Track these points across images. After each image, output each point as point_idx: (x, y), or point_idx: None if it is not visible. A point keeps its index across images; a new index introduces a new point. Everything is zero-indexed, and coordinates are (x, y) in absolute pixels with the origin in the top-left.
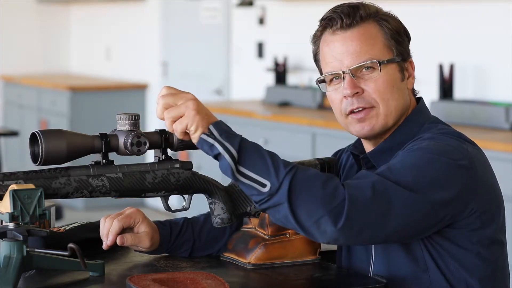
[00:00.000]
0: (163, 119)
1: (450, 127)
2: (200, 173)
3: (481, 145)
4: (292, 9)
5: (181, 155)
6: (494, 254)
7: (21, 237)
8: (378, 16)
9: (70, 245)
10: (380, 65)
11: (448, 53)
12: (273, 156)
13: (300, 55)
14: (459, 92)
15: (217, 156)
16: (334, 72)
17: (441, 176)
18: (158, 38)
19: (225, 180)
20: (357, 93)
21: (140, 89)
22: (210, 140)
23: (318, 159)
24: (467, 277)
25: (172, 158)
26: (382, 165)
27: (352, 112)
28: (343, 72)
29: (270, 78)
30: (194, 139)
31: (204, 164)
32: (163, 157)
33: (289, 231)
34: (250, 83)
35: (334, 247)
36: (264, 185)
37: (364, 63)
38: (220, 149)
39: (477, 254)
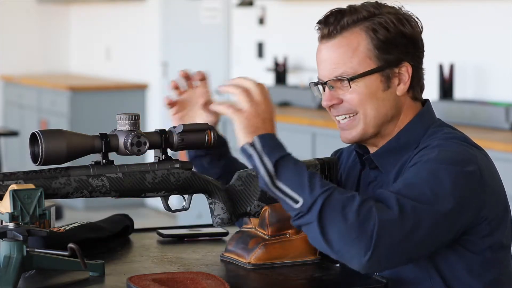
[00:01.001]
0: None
1: (456, 130)
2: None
3: (481, 145)
4: (292, 9)
5: (181, 155)
6: (500, 259)
7: (21, 237)
8: (369, 21)
9: (70, 245)
10: (350, 80)
11: (448, 53)
12: (312, 175)
13: (300, 55)
14: (459, 92)
15: (255, 168)
16: (316, 82)
17: (454, 187)
18: (158, 38)
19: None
20: (334, 104)
21: (140, 89)
22: (250, 150)
23: (318, 159)
24: (473, 282)
25: (172, 158)
26: (399, 181)
27: (337, 120)
28: (322, 83)
29: (270, 78)
30: (239, 143)
31: None
32: (163, 157)
33: (289, 231)
34: None
35: None
36: (296, 201)
37: (336, 78)
38: (256, 161)
39: (485, 259)
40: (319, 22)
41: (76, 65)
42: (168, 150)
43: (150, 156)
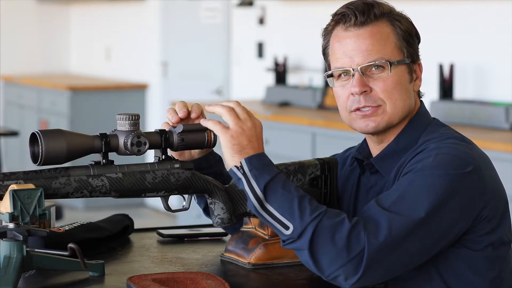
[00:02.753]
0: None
1: (451, 129)
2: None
3: (481, 145)
4: (292, 9)
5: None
6: (502, 255)
7: (21, 237)
8: (391, 16)
9: (70, 245)
10: (390, 65)
11: (448, 53)
12: (302, 198)
13: (300, 55)
14: (459, 92)
15: (244, 191)
16: (343, 69)
17: (452, 191)
18: (158, 38)
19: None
20: (365, 91)
21: (140, 89)
22: (239, 173)
23: (318, 159)
24: (477, 280)
25: (172, 158)
26: (393, 190)
27: (357, 109)
28: (353, 70)
29: (270, 78)
30: (226, 166)
31: None
32: (163, 157)
33: None
34: (250, 83)
35: None
36: (287, 228)
37: (374, 62)
38: (245, 185)
39: (487, 256)
40: (346, 10)
41: (76, 65)
42: (168, 150)
43: (150, 156)
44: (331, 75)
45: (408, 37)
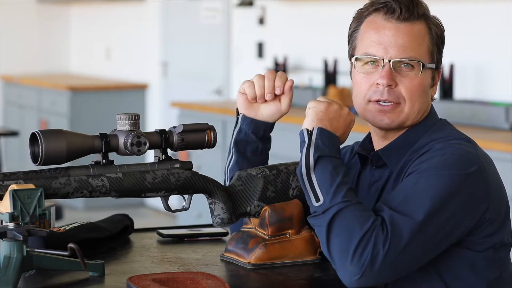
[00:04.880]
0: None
1: (456, 130)
2: (200, 173)
3: (481, 145)
4: (292, 9)
5: (181, 155)
6: (502, 257)
7: (21, 237)
8: (429, 19)
9: (70, 245)
10: (422, 66)
11: (448, 53)
12: (344, 184)
13: (300, 55)
14: (459, 92)
15: (301, 153)
16: (375, 57)
17: (456, 191)
18: (158, 38)
19: None
20: (390, 85)
21: (140, 89)
22: (306, 136)
23: None
24: (477, 280)
25: (172, 158)
26: (398, 191)
27: (377, 101)
28: (384, 61)
29: None
30: (303, 126)
31: (204, 164)
32: (163, 157)
33: (289, 231)
34: None
35: None
36: (318, 200)
37: (408, 59)
38: (304, 148)
39: (489, 257)
40: (391, 1)
41: (76, 65)
42: (168, 150)
43: (150, 156)
44: (358, 59)
45: (440, 43)
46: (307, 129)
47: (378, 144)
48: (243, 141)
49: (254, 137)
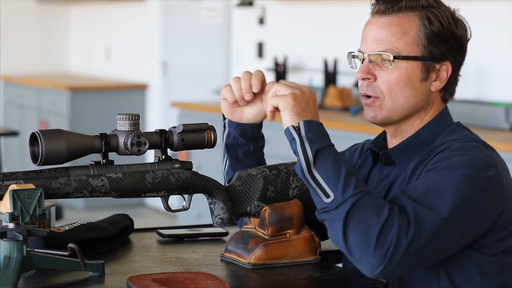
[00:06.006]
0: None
1: (473, 133)
2: (200, 173)
3: None
4: (292, 9)
5: (181, 155)
6: (511, 262)
7: (21, 237)
8: (425, 11)
9: (70, 245)
10: (393, 58)
11: None
12: (350, 173)
13: (300, 55)
14: (459, 92)
15: (295, 152)
16: (354, 54)
17: (475, 192)
18: (158, 38)
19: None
20: (368, 79)
21: (140, 89)
22: (294, 134)
23: None
24: (485, 284)
25: (172, 158)
26: (418, 185)
27: (363, 96)
28: (363, 55)
29: (270, 78)
30: (284, 125)
31: (204, 164)
32: (163, 157)
33: (289, 231)
34: None
35: (334, 247)
36: (328, 196)
37: (379, 53)
38: (298, 146)
39: (498, 261)
40: None
41: (76, 65)
42: (168, 150)
43: (150, 156)
44: (353, 57)
45: (435, 37)
46: (293, 126)
47: (391, 142)
48: (233, 145)
49: (243, 140)
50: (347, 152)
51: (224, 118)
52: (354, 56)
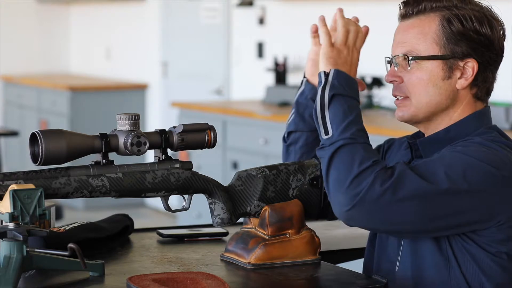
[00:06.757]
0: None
1: (508, 138)
2: (200, 173)
3: None
4: (292, 9)
5: (181, 155)
6: None
7: (21, 237)
8: (446, 12)
9: (70, 245)
10: (409, 60)
11: None
12: (357, 122)
13: (300, 55)
14: None
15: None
16: (388, 58)
17: (477, 182)
18: (158, 38)
19: (225, 180)
20: (395, 81)
21: (140, 89)
22: (323, 77)
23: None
24: (484, 280)
25: (172, 158)
26: (424, 159)
27: (393, 95)
28: (390, 59)
29: (270, 78)
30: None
31: (204, 164)
32: (163, 157)
33: (289, 231)
34: (250, 83)
35: (334, 247)
36: (327, 133)
37: (401, 55)
38: (320, 87)
39: (500, 263)
40: (401, 3)
41: (76, 65)
42: (168, 150)
43: (150, 156)
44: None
45: (455, 35)
46: (324, 71)
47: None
48: (303, 104)
49: (314, 103)
50: (397, 141)
51: (304, 77)
52: (387, 61)
